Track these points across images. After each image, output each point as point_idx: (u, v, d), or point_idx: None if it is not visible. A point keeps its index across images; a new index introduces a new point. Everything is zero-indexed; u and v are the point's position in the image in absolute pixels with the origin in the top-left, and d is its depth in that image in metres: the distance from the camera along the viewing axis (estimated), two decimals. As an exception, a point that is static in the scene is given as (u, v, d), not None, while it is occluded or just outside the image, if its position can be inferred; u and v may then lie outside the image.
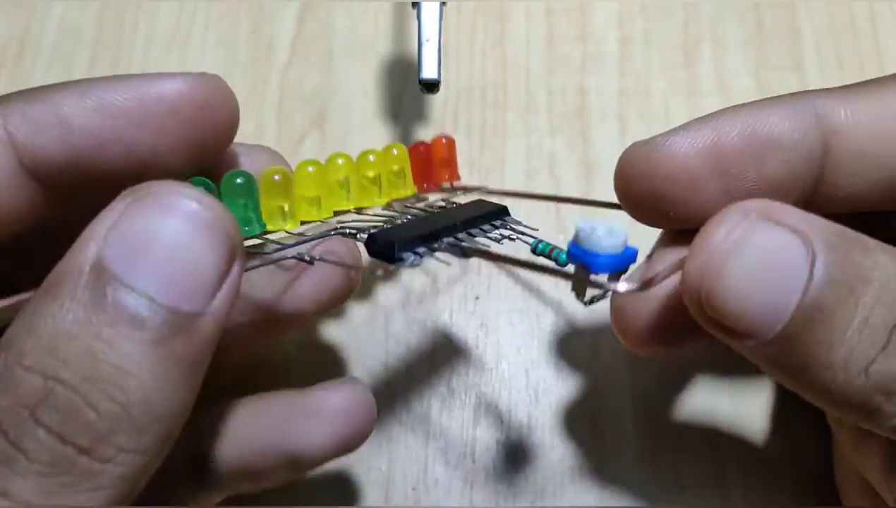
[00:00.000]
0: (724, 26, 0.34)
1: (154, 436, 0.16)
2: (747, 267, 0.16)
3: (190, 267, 0.16)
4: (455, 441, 0.26)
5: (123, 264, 0.16)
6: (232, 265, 0.17)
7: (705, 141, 0.18)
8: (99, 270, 0.16)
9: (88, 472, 0.15)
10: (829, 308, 0.16)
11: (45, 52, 0.33)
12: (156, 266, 0.16)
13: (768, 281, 0.16)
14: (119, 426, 0.15)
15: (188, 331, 0.16)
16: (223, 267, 0.17)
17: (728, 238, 0.16)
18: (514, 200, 0.30)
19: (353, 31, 0.34)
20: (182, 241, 0.16)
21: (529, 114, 0.32)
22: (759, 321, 0.16)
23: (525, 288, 0.29)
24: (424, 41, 0.25)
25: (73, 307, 0.16)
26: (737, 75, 0.33)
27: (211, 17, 0.34)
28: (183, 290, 0.16)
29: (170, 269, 0.16)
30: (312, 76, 0.33)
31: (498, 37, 0.34)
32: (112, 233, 0.16)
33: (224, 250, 0.17)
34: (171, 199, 0.16)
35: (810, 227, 0.16)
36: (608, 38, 0.34)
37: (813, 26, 0.34)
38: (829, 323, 0.16)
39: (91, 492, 0.15)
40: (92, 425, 0.15)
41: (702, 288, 0.17)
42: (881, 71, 0.33)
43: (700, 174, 0.18)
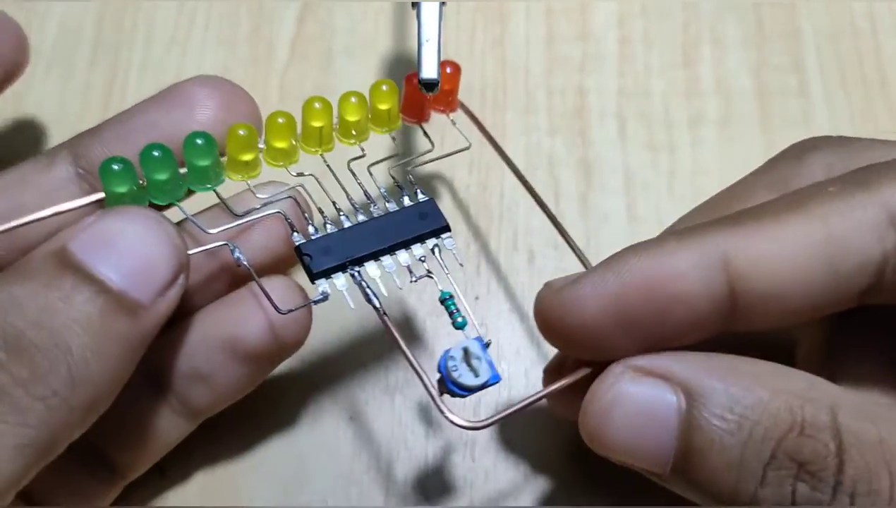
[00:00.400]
0: (723, 26, 0.34)
1: (85, 396, 0.18)
2: (625, 420, 0.18)
3: (144, 265, 0.19)
4: (455, 440, 0.26)
5: (86, 253, 0.19)
6: (179, 275, 0.20)
7: (609, 294, 0.19)
8: (63, 254, 0.18)
9: (20, 406, 0.17)
10: (703, 451, 0.17)
11: (46, 52, 0.33)
12: (115, 258, 0.19)
13: (645, 430, 0.18)
14: (58, 370, 0.17)
15: (132, 316, 0.19)
16: (171, 275, 0.19)
17: (607, 394, 0.18)
18: (511, 200, 0.30)
19: (353, 30, 0.34)
20: (142, 243, 0.19)
21: (529, 114, 0.32)
22: (649, 464, 0.18)
23: (525, 289, 0.29)
24: (424, 41, 0.25)
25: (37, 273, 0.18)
26: (737, 75, 0.33)
27: (211, 17, 0.34)
28: (135, 281, 0.19)
29: (127, 263, 0.19)
30: (312, 76, 0.33)
31: (497, 37, 0.34)
32: (80, 232, 0.19)
33: (175, 260, 0.19)
34: (136, 212, 0.20)
35: (682, 374, 0.18)
36: (608, 38, 0.34)
37: (813, 26, 0.34)
38: (709, 462, 0.17)
39: (16, 427, 0.17)
40: (34, 362, 0.17)
41: (592, 442, 0.19)
42: (880, 71, 0.33)
43: (606, 326, 0.19)
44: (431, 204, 0.23)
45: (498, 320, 0.28)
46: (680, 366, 0.18)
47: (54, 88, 0.32)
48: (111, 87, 0.32)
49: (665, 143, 0.32)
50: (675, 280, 0.18)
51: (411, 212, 0.23)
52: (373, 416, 0.27)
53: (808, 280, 0.18)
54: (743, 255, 0.18)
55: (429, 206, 0.23)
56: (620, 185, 0.31)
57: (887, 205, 0.18)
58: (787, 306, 0.18)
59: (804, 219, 0.18)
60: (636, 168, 0.31)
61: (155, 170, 0.21)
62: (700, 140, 0.32)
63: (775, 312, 0.19)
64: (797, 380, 0.18)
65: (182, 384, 0.23)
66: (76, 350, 0.18)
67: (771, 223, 0.18)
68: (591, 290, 0.19)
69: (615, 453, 0.18)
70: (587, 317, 0.19)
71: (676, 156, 0.31)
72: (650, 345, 0.19)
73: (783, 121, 0.32)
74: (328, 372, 0.27)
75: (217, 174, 0.22)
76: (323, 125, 0.23)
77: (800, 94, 0.33)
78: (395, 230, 0.22)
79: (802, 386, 0.17)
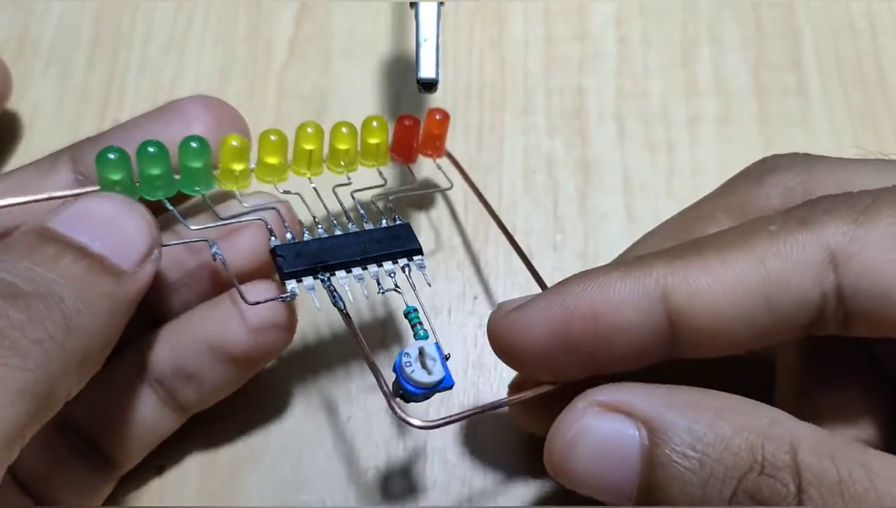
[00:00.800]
0: (722, 26, 0.34)
1: (78, 343, 0.19)
2: (588, 454, 0.19)
3: (121, 237, 0.20)
4: (454, 440, 0.26)
5: (66, 227, 0.20)
6: (152, 251, 0.21)
7: (554, 319, 0.19)
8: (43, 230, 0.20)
9: (18, 347, 0.17)
10: (665, 487, 0.18)
11: (44, 52, 0.33)
12: (93, 231, 0.20)
13: (608, 464, 0.18)
14: (52, 316, 0.18)
15: (116, 278, 0.20)
16: (146, 248, 0.20)
17: (570, 430, 0.19)
18: (510, 200, 0.30)
19: (351, 31, 0.34)
20: (117, 218, 0.20)
21: (527, 115, 0.32)
22: (612, 497, 0.19)
23: (524, 289, 0.29)
24: (422, 41, 0.25)
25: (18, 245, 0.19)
26: (735, 75, 0.33)
27: (209, 18, 0.34)
28: (114, 250, 0.20)
29: (105, 234, 0.20)
30: (311, 76, 0.33)
31: (496, 37, 0.34)
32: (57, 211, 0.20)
33: (150, 237, 0.21)
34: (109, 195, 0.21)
35: (644, 409, 0.18)
36: (606, 38, 0.34)
37: (812, 26, 0.34)
38: (671, 498, 0.18)
39: (16, 370, 0.17)
40: (31, 306, 0.18)
41: (557, 475, 0.19)
42: (879, 70, 0.33)
43: (551, 349, 0.20)
44: (407, 228, 0.24)
45: (497, 320, 0.28)
46: (642, 401, 0.18)
47: (52, 88, 0.32)
48: (109, 87, 0.32)
49: (664, 143, 0.32)
50: (614, 310, 0.19)
51: (386, 232, 0.24)
52: (372, 416, 0.27)
53: (744, 316, 0.18)
54: (681, 290, 0.19)
55: (404, 230, 0.24)
56: (619, 185, 0.31)
57: (827, 245, 0.18)
58: (723, 339, 0.19)
59: (744, 258, 0.18)
60: (635, 168, 0.31)
61: (149, 164, 0.22)
62: (699, 139, 0.32)
63: (714, 344, 0.19)
64: (759, 416, 0.18)
65: (170, 381, 0.24)
66: (68, 299, 0.18)
67: (713, 259, 0.19)
68: (537, 315, 0.20)
69: (579, 486, 0.19)
70: (534, 341, 0.20)
71: (675, 156, 0.31)
72: (596, 369, 0.20)
73: (782, 121, 0.32)
74: (328, 373, 0.27)
75: (207, 179, 0.23)
76: (313, 149, 0.24)
77: (798, 94, 0.33)
78: (369, 246, 0.23)
79: (764, 422, 0.18)
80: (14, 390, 0.17)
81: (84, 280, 0.19)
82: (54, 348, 0.18)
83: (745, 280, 0.18)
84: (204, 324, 0.23)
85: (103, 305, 0.19)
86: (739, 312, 0.18)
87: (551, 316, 0.19)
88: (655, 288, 0.19)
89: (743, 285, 0.18)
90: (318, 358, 0.28)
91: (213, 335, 0.23)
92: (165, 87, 0.32)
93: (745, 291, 0.18)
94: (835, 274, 0.18)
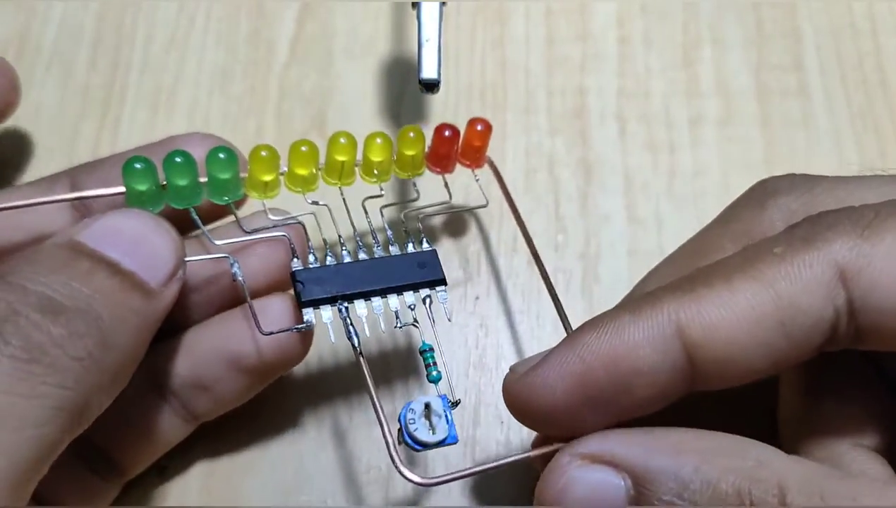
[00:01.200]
0: (723, 26, 0.34)
1: (114, 360, 0.19)
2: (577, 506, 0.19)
3: (151, 254, 0.20)
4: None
5: (97, 242, 0.20)
6: (178, 270, 0.21)
7: (572, 375, 0.19)
8: (75, 244, 0.20)
9: (58, 365, 0.17)
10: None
11: (45, 52, 0.33)
12: (124, 247, 0.20)
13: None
14: (92, 332, 0.18)
15: (145, 295, 0.20)
16: (174, 266, 0.21)
17: (558, 483, 0.19)
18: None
19: (352, 31, 0.34)
20: (146, 235, 0.20)
21: (529, 115, 0.32)
22: None
23: (525, 289, 0.29)
24: (424, 41, 0.25)
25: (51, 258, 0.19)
26: (737, 75, 0.33)
27: (210, 18, 0.34)
28: (144, 266, 0.20)
29: (135, 251, 0.20)
30: (312, 77, 0.33)
31: (497, 37, 0.34)
32: (86, 226, 0.20)
33: (176, 255, 0.21)
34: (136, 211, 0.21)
35: (628, 458, 0.18)
36: (607, 38, 0.34)
37: (813, 26, 0.34)
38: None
39: (55, 388, 0.17)
40: (71, 322, 0.18)
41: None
42: (880, 70, 0.33)
43: (574, 405, 0.19)
44: (433, 255, 0.24)
45: (497, 321, 0.28)
46: (624, 449, 0.18)
47: (54, 88, 0.32)
48: (111, 87, 0.32)
49: (665, 144, 0.32)
50: (633, 354, 0.18)
51: (411, 259, 0.23)
52: (374, 418, 0.27)
53: (761, 343, 0.18)
54: (695, 324, 0.18)
55: (430, 257, 0.24)
56: (620, 185, 0.31)
57: (834, 261, 0.18)
58: (743, 368, 0.18)
59: (753, 285, 0.18)
60: (636, 168, 0.31)
61: (176, 174, 0.21)
62: (700, 140, 0.32)
63: (733, 374, 0.19)
64: (747, 457, 0.18)
65: (184, 390, 0.24)
66: (105, 316, 0.19)
67: (722, 289, 0.18)
68: (555, 373, 0.19)
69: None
70: (555, 400, 0.19)
71: (676, 157, 0.31)
72: (619, 417, 0.19)
73: (783, 122, 0.32)
74: (331, 375, 0.27)
75: (235, 188, 0.23)
76: (346, 159, 0.23)
77: (800, 94, 0.33)
78: (392, 274, 0.23)
79: (750, 464, 0.18)
80: (51, 408, 0.17)
81: (117, 296, 0.19)
82: (92, 365, 0.18)
83: (757, 306, 0.18)
84: (221, 337, 0.23)
85: (133, 322, 0.19)
86: (756, 340, 0.18)
87: (570, 371, 0.19)
88: (669, 325, 0.18)
89: (756, 312, 0.18)
90: (322, 361, 0.28)
91: (231, 347, 0.23)
92: (167, 87, 0.32)
93: (759, 318, 0.18)
94: (845, 290, 0.18)
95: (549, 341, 0.28)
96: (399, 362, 0.28)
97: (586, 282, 0.29)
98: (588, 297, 0.29)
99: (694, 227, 0.28)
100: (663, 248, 0.29)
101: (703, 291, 0.19)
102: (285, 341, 0.23)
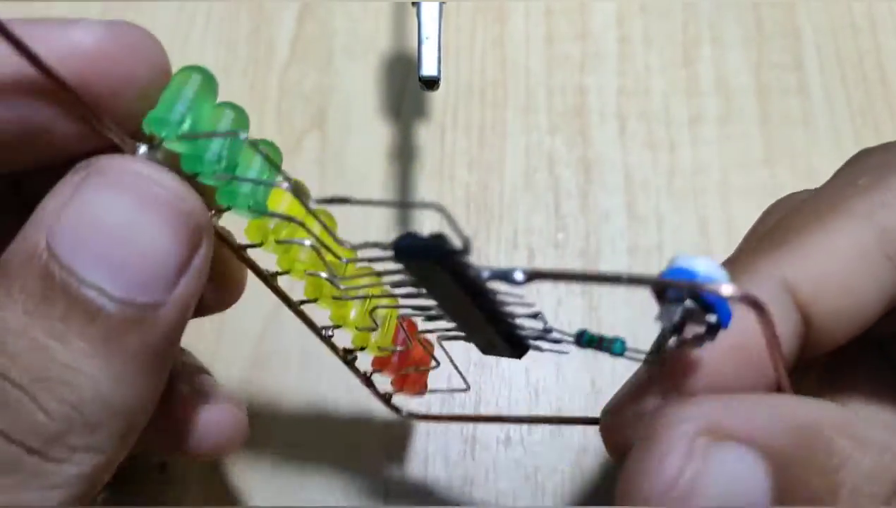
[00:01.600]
0: (723, 26, 0.34)
1: (110, 432, 0.15)
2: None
3: (145, 253, 0.15)
4: (455, 439, 0.26)
5: (73, 252, 0.15)
6: (197, 247, 0.16)
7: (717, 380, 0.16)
8: (48, 259, 0.15)
9: (38, 472, 0.14)
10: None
11: (46, 52, 0.33)
12: (107, 254, 0.15)
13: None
14: (71, 427, 0.15)
15: (145, 324, 0.15)
16: (185, 252, 0.15)
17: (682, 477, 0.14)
18: (511, 199, 0.30)
19: (353, 30, 0.34)
20: (135, 225, 0.15)
21: (529, 113, 0.32)
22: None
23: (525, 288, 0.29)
24: (424, 38, 0.25)
25: (22, 299, 0.15)
26: (736, 74, 0.33)
27: (211, 17, 0.34)
28: (138, 280, 0.15)
29: (123, 257, 0.15)
30: (312, 76, 0.33)
31: (497, 36, 0.34)
32: (61, 216, 0.15)
33: (185, 232, 0.15)
34: (122, 178, 0.15)
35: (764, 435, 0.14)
36: (607, 37, 0.34)
37: (812, 25, 0.34)
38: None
39: (44, 490, 0.15)
40: (41, 427, 0.14)
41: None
42: (880, 69, 0.33)
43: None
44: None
45: (498, 318, 0.28)
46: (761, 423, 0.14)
47: (54, 88, 0.32)
48: (111, 87, 0.32)
49: (665, 142, 0.32)
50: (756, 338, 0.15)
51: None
52: (374, 414, 0.27)
53: (873, 281, 0.16)
54: (803, 279, 0.16)
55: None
56: (620, 184, 0.31)
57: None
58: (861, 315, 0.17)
59: (850, 221, 0.16)
60: (636, 166, 0.31)
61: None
62: (700, 138, 0.32)
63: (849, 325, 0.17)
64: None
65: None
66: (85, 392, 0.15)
67: (818, 233, 0.17)
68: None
69: None
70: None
71: (676, 155, 0.31)
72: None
73: (783, 120, 0.32)
74: (330, 371, 0.27)
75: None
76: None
77: (799, 93, 0.33)
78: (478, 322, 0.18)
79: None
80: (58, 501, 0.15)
81: (103, 351, 0.15)
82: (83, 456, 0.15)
83: (859, 242, 0.16)
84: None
85: (134, 371, 0.15)
86: (868, 280, 0.16)
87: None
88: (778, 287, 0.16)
89: (861, 249, 0.16)
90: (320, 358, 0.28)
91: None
92: (167, 87, 0.32)
93: (865, 254, 0.16)
94: None
95: (550, 339, 0.28)
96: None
97: (586, 280, 0.29)
98: (588, 295, 0.29)
99: (694, 225, 0.28)
100: (663, 246, 0.29)
101: (799, 241, 0.17)
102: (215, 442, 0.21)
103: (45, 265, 0.15)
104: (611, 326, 0.28)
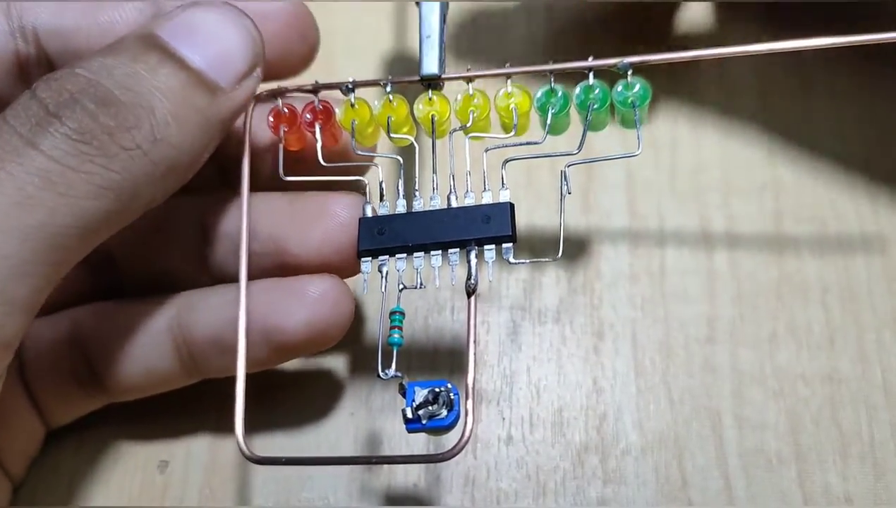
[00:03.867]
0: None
1: (165, 155, 0.20)
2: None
3: (223, 52, 0.21)
4: (456, 438, 0.26)
5: (172, 37, 0.21)
6: (254, 69, 0.22)
7: None
8: (150, 37, 0.21)
9: (107, 150, 0.19)
10: None
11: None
12: (197, 43, 0.21)
13: None
14: (141, 126, 0.19)
15: (211, 94, 0.21)
16: (248, 65, 0.21)
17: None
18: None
19: (353, 30, 0.34)
20: (222, 32, 0.21)
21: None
22: None
23: (527, 285, 0.29)
24: (425, 37, 0.25)
25: (125, 49, 0.20)
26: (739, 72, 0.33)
27: (211, 17, 0.34)
28: (214, 65, 0.21)
29: (207, 48, 0.21)
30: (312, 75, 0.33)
31: (498, 35, 0.34)
32: (165, 19, 0.21)
33: (251, 53, 0.21)
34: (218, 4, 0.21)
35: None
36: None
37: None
38: None
39: (101, 169, 0.19)
40: (121, 115, 0.19)
41: None
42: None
43: None
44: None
45: (498, 317, 0.28)
46: None
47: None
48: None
49: (666, 140, 0.32)
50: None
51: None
52: (376, 413, 0.27)
53: None
54: None
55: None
56: (622, 182, 0.31)
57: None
58: None
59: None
60: (637, 165, 0.31)
61: None
62: (701, 137, 0.32)
63: None
64: None
65: (201, 346, 0.23)
66: (159, 112, 0.20)
67: None
68: None
69: None
70: None
71: (678, 153, 0.31)
72: None
73: (785, 118, 0.32)
74: (332, 369, 0.27)
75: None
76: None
77: (802, 91, 0.32)
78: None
79: None
80: (97, 186, 0.19)
81: (179, 93, 0.20)
82: (140, 156, 0.19)
83: None
84: (261, 306, 0.23)
85: (194, 120, 0.20)
86: None
87: None
88: None
89: None
90: (322, 355, 0.28)
91: (269, 320, 0.23)
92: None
93: None
94: None
95: (550, 337, 0.28)
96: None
97: (588, 279, 0.29)
98: (589, 293, 0.29)
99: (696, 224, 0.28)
100: (665, 245, 0.29)
101: None
102: (325, 323, 0.23)
103: (148, 38, 0.21)
104: (611, 325, 0.28)
